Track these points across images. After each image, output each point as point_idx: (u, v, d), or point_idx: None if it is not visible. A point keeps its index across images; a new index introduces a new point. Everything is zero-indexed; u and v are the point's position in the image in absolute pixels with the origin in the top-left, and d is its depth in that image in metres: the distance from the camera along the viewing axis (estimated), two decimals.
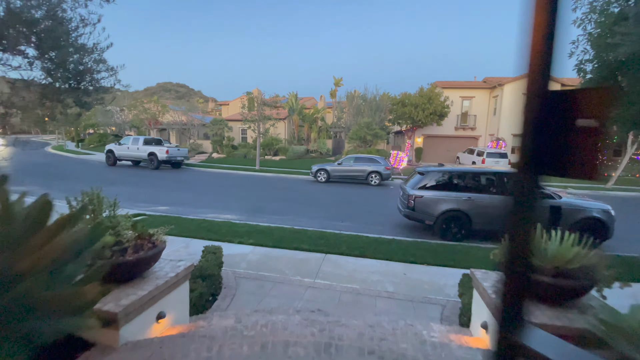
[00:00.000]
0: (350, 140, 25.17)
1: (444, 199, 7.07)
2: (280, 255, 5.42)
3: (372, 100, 27.73)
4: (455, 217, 7.04)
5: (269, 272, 4.74)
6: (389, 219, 8.88)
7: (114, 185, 13.18)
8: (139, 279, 2.65)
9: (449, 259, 5.53)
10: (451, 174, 7.43)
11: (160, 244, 2.76)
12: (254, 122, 21.03)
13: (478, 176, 7.44)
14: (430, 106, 21.68)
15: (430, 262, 5.40)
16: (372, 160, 16.20)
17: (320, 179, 16.29)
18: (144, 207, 9.33)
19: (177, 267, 2.92)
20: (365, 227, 7.90)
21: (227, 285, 4.19)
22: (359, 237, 6.56)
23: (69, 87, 3.27)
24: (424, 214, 7.17)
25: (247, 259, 5.24)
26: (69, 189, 11.71)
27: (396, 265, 5.23)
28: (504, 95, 24.39)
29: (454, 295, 4.24)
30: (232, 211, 9.26)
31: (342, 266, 5.07)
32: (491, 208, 6.96)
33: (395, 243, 6.27)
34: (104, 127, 38.67)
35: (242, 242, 5.98)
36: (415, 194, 7.19)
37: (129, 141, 20.23)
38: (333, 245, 5.95)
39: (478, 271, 3.10)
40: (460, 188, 7.25)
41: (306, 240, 6.16)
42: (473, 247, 6.24)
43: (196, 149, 28.66)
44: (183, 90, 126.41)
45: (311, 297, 4.00)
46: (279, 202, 11.00)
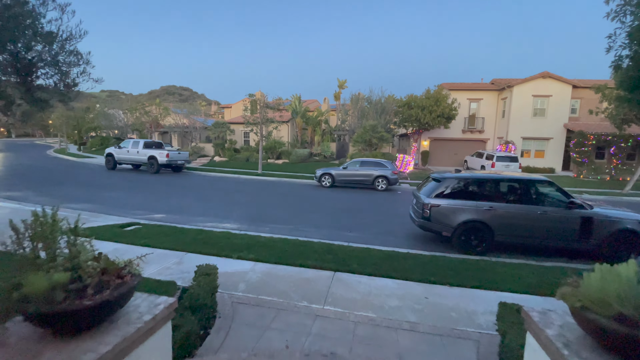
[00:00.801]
0: (355, 144, 24.58)
1: (463, 208, 6.45)
2: (284, 274, 4.83)
3: (377, 102, 27.14)
4: (476, 229, 6.42)
5: (271, 295, 4.14)
6: (399, 229, 8.26)
7: (110, 190, 12.67)
8: (105, 324, 2.06)
9: (473, 278, 4.91)
10: (470, 180, 6.81)
11: (130, 280, 2.16)
12: (256, 124, 20.53)
13: (500, 183, 6.82)
14: (437, 108, 21.06)
15: (453, 282, 4.78)
16: (378, 164, 15.59)
17: (324, 183, 15.71)
18: (140, 214, 8.79)
19: (155, 306, 2.33)
20: (375, 238, 7.29)
21: (223, 313, 3.60)
22: (370, 251, 5.95)
23: (16, 82, 2.70)
24: (440, 225, 6.55)
25: (247, 278, 4.64)
26: (63, 195, 11.18)
27: (415, 286, 4.61)
28: (513, 97, 23.72)
29: (487, 327, 3.62)
30: (233, 219, 8.69)
31: (354, 287, 4.46)
32: (515, 219, 6.33)
33: (411, 258, 5.65)
34: (106, 130, 38.37)
35: (242, 257, 5.39)
36: (431, 202, 6.58)
37: (129, 144, 19.78)
38: (342, 261, 5.35)
39: (534, 311, 2.47)
40: (481, 196, 6.63)
41: (312, 255, 5.56)
42: (498, 263, 5.61)
43: (198, 153, 28.21)
44: (187, 93, 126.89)
45: (320, 330, 3.40)
46: (281, 209, 10.41)
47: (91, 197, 11.18)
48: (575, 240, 6.27)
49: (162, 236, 6.41)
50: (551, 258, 6.34)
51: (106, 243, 5.87)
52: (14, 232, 2.06)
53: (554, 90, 23.55)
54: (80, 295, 1.94)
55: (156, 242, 6.01)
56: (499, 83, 25.81)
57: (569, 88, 23.56)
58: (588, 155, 21.84)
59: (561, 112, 23.69)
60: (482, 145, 26.29)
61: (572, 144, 22.17)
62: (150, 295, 2.50)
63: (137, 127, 31.96)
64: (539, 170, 23.07)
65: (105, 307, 1.97)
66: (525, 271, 5.28)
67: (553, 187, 6.61)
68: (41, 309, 1.78)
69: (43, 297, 1.83)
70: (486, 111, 26.02)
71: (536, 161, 24.06)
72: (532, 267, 5.51)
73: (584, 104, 24.65)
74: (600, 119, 22.69)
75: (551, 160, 24.03)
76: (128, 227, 7.20)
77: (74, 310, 1.83)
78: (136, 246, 5.80)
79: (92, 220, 7.78)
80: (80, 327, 1.93)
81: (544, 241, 6.38)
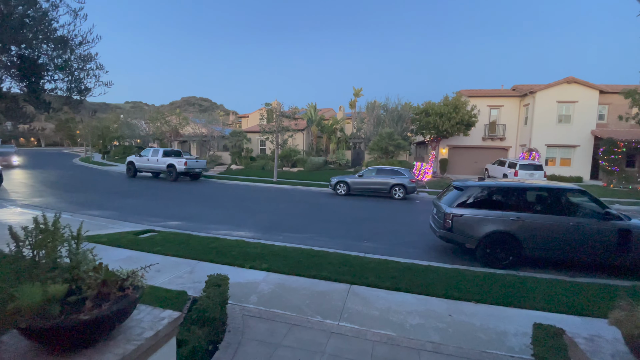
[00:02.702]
0: (371, 151, 24.28)
1: (488, 218, 6.07)
2: (297, 286, 4.62)
3: (394, 110, 26.83)
4: (502, 241, 6.01)
5: (284, 309, 3.94)
6: (418, 239, 7.90)
7: (129, 197, 12.92)
8: (103, 341, 1.92)
9: (501, 295, 4.53)
10: (496, 189, 6.43)
11: (132, 293, 2.02)
12: (272, 133, 20.64)
13: (529, 192, 6.40)
14: (456, 115, 20.53)
15: (479, 298, 4.43)
16: (395, 172, 15.23)
17: (339, 191, 15.47)
18: (155, 221, 8.83)
19: (158, 320, 2.18)
20: (392, 249, 6.98)
21: (233, 327, 3.42)
22: (388, 263, 5.66)
23: (24, 85, 2.66)
24: (463, 236, 6.18)
25: (259, 289, 4.46)
26: (84, 202, 11.39)
27: (438, 302, 4.29)
28: (536, 104, 22.88)
29: (520, 350, 3.27)
30: (247, 227, 8.58)
31: (372, 303, 4.19)
32: (545, 230, 5.89)
33: (432, 271, 5.32)
34: (129, 139, 39.73)
35: (254, 267, 5.23)
36: (453, 212, 6.23)
37: (149, 153, 20.28)
38: (359, 273, 5.09)
39: (580, 337, 2.17)
40: (507, 206, 6.22)
41: (327, 266, 5.33)
42: (528, 279, 5.19)
43: (215, 161, 28.65)
44: (206, 104, 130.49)
45: (336, 349, 3.15)
46: (296, 218, 10.25)
47: (110, 204, 11.40)
48: (612, 254, 5.76)
49: (176, 244, 6.36)
50: (584, 273, 5.84)
51: (121, 250, 5.85)
52: (14, 240, 1.96)
53: (580, 95, 22.56)
54: (78, 309, 1.81)
55: (169, 249, 5.95)
56: (520, 89, 25.01)
57: (596, 93, 22.52)
58: (618, 163, 20.64)
59: (588, 118, 22.63)
60: (503, 153, 25.40)
61: (601, 151, 21.03)
62: (154, 308, 2.35)
63: (157, 136, 32.91)
64: (565, 179, 21.97)
65: (104, 322, 1.82)
66: (558, 288, 4.85)
67: (586, 196, 6.14)
68: (34, 323, 1.65)
69: (37, 310, 1.71)
70: (507, 118, 25.20)
71: (562, 169, 22.96)
72: (566, 283, 5.06)
73: (612, 109, 23.48)
74: (630, 125, 21.50)
75: (578, 169, 22.87)
76: (144, 234, 7.21)
77: (69, 325, 1.70)
78: (150, 253, 5.74)
79: (110, 227, 7.85)
80: (77, 344, 1.79)
81: (576, 255, 5.90)
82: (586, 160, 22.90)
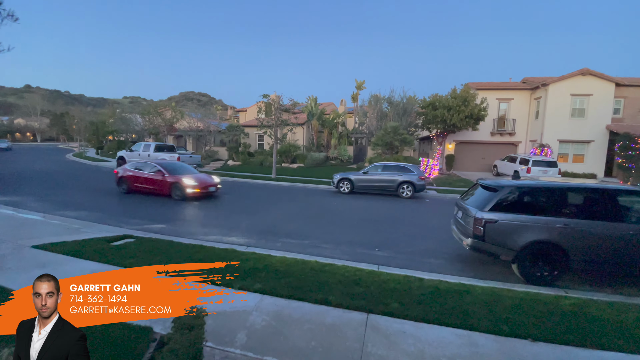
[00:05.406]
0: (374, 147, 23.15)
1: (529, 225, 5.01)
2: (299, 316, 3.57)
3: (398, 103, 25.66)
4: (546, 252, 4.97)
5: (282, 354, 2.90)
6: (437, 246, 6.86)
7: (114, 195, 11.83)
8: None
9: (561, 327, 3.50)
10: (537, 190, 5.37)
11: None
12: (270, 127, 19.50)
13: (577, 194, 5.35)
14: (465, 109, 19.41)
15: (536, 333, 3.40)
16: (403, 168, 14.15)
17: (342, 189, 14.40)
18: (137, 224, 7.78)
19: None
20: (410, 260, 5.95)
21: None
22: (411, 281, 4.61)
23: None
24: (498, 247, 5.13)
25: (249, 322, 3.42)
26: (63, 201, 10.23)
27: (484, 340, 3.26)
28: (548, 97, 21.73)
29: None
30: (240, 231, 7.53)
31: (398, 343, 3.16)
32: (598, 239, 4.86)
33: (467, 293, 4.27)
34: (124, 134, 38.49)
35: (245, 287, 4.18)
36: (486, 217, 5.17)
37: (140, 147, 19.23)
38: (376, 297, 4.05)
39: None
40: (550, 210, 5.17)
41: (336, 287, 4.29)
42: (588, 303, 4.15)
43: (211, 156, 27.51)
44: (204, 99, 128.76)
45: None
46: (296, 220, 9.19)
47: (92, 203, 10.34)
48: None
49: (153, 254, 5.31)
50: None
51: (82, 263, 4.80)
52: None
53: (595, 88, 21.40)
54: None
55: (143, 261, 4.89)
56: (531, 82, 23.84)
57: (612, 86, 21.36)
58: (636, 160, 19.55)
59: (603, 112, 21.49)
60: (512, 148, 24.30)
61: (617, 147, 19.96)
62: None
63: (152, 131, 31.72)
64: (579, 176, 20.89)
65: None
66: (631, 315, 3.82)
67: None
68: None
69: None
70: (517, 112, 24.06)
71: (574, 166, 21.88)
72: (638, 307, 4.04)
73: (628, 103, 22.36)
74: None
75: (592, 165, 21.79)
76: (118, 240, 6.17)
77: None
78: (117, 268, 4.69)
79: (82, 232, 6.80)
80: None
81: (636, 269, 4.88)
82: (600, 156, 21.82)
